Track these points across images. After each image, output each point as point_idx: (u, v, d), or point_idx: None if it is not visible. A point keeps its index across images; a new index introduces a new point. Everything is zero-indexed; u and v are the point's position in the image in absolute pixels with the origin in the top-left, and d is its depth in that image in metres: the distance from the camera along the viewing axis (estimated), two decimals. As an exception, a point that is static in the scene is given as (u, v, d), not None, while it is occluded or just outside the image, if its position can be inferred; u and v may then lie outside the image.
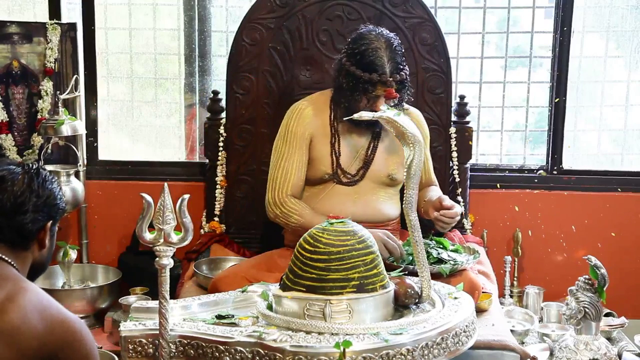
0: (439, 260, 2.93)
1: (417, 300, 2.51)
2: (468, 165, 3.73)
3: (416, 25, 3.57)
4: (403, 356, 2.22)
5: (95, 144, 3.98)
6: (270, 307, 2.44)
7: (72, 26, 3.84)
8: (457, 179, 3.67)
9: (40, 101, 3.80)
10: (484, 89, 4.01)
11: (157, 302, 2.26)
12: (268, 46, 3.60)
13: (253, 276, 2.92)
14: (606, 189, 3.91)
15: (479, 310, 2.86)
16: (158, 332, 2.27)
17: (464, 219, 3.68)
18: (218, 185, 3.70)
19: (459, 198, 3.66)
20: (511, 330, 3.07)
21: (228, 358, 2.25)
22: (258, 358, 2.22)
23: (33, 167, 2.07)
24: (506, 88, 4.01)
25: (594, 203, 3.90)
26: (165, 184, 2.21)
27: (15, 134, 3.82)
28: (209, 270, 3.30)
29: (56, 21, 3.81)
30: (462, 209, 3.17)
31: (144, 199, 2.17)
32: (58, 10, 3.87)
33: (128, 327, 2.35)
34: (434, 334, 2.30)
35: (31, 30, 3.80)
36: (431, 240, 3.08)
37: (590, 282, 2.91)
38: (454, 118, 3.70)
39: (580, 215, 3.91)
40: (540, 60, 4.01)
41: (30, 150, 3.83)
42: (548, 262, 3.93)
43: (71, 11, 3.96)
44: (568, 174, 3.94)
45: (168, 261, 2.21)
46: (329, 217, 2.48)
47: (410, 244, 2.59)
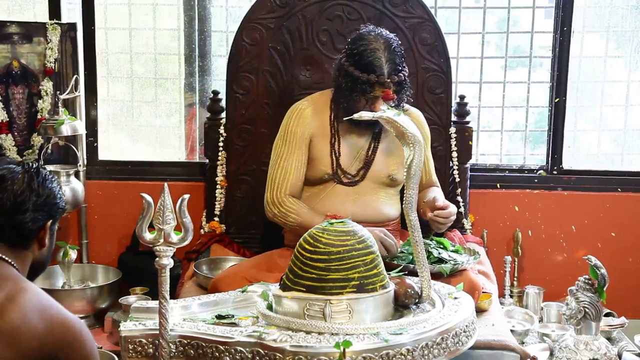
0: (439, 260, 2.92)
1: (417, 300, 2.51)
2: (468, 165, 3.73)
3: (416, 25, 3.57)
4: (403, 356, 2.22)
5: (95, 144, 3.98)
6: (270, 307, 2.44)
7: (72, 26, 3.84)
8: (457, 179, 3.67)
9: (40, 101, 3.80)
10: (484, 89, 4.01)
11: (157, 302, 2.26)
12: (268, 46, 3.60)
13: (253, 276, 2.92)
14: (606, 189, 3.91)
15: (479, 310, 2.86)
16: (158, 332, 2.27)
17: (464, 219, 3.68)
18: (218, 185, 3.70)
19: (459, 198, 3.66)
20: (511, 330, 3.07)
21: (228, 358, 2.25)
22: (258, 358, 2.22)
23: (33, 166, 2.07)
24: (506, 88, 4.01)
25: (594, 203, 3.90)
26: (165, 184, 2.21)
27: (15, 134, 3.82)
28: (209, 270, 3.30)
29: (56, 21, 3.81)
30: (457, 209, 3.14)
31: (144, 199, 2.18)
32: (58, 10, 3.87)
33: (128, 327, 2.35)
34: (434, 334, 2.30)
35: (31, 30, 3.80)
36: (431, 240, 3.07)
37: (590, 282, 2.91)
38: (454, 118, 3.70)
39: (580, 215, 3.91)
40: (540, 60, 4.01)
41: (30, 150, 3.83)
42: (548, 262, 3.93)
43: (71, 11, 3.96)
44: (568, 174, 3.94)
45: (168, 261, 2.21)
46: (326, 217, 2.48)
47: (411, 244, 2.59)
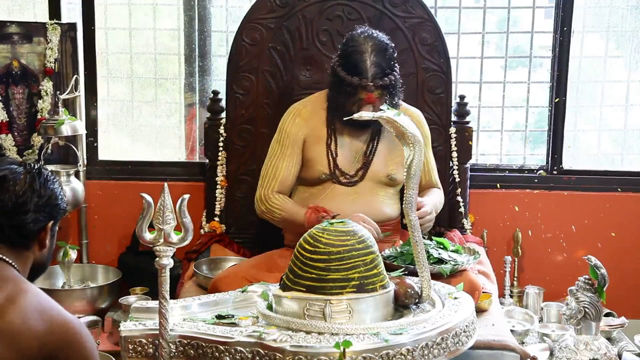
0: (439, 261, 2.92)
1: (417, 300, 2.51)
2: (468, 165, 3.73)
3: (416, 25, 3.57)
4: (403, 356, 2.22)
5: (95, 144, 3.98)
6: (270, 307, 2.44)
7: (72, 26, 3.84)
8: (457, 179, 3.67)
9: (40, 101, 3.80)
10: (484, 89, 4.01)
11: (157, 302, 2.26)
12: (268, 46, 3.60)
13: (253, 276, 2.92)
14: (606, 189, 3.91)
15: (479, 310, 2.86)
16: (158, 332, 2.27)
17: (464, 219, 3.68)
18: (218, 185, 3.70)
19: (459, 198, 3.67)
20: (511, 330, 3.07)
21: (228, 358, 2.25)
22: (258, 358, 2.22)
23: (35, 167, 2.06)
24: (506, 88, 4.01)
25: (594, 203, 3.90)
26: (165, 184, 2.21)
27: (15, 134, 3.82)
28: (209, 270, 3.30)
29: (56, 21, 3.81)
30: (429, 206, 3.05)
31: (144, 199, 2.17)
32: (58, 10, 3.87)
33: (128, 327, 2.36)
34: (434, 334, 2.30)
35: (31, 30, 3.80)
36: (431, 240, 3.08)
37: (590, 282, 2.91)
38: (454, 118, 3.70)
39: (580, 215, 3.91)
40: (540, 60, 4.01)
41: (30, 151, 3.83)
42: (548, 262, 3.93)
43: (71, 11, 3.96)
44: (568, 174, 3.94)
45: (168, 261, 2.21)
46: (309, 209, 2.44)
47: (410, 244, 2.59)
